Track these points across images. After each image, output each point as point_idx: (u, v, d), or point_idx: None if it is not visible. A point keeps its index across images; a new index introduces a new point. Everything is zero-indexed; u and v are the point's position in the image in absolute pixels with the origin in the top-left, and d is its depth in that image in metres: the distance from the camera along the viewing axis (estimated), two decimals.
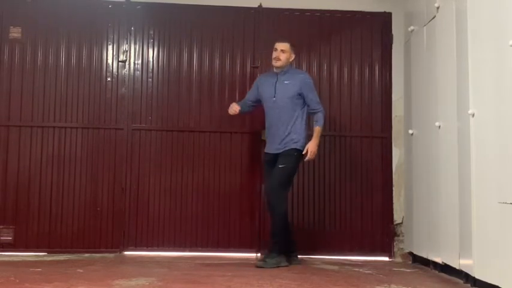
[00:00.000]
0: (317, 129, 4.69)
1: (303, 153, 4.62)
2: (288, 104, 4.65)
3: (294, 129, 4.64)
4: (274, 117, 4.69)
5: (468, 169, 3.69)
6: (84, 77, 5.31)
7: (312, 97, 4.71)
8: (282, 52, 4.71)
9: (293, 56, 4.79)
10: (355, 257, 5.22)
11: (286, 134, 4.63)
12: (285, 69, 4.75)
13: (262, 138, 5.00)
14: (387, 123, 5.45)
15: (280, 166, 4.58)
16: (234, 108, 4.82)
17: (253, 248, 5.22)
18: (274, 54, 4.73)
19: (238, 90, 5.37)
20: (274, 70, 4.80)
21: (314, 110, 4.71)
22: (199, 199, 5.27)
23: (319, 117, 4.71)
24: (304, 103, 4.71)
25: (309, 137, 4.70)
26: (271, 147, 4.72)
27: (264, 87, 4.81)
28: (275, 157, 4.65)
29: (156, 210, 5.25)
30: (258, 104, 4.89)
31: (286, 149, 4.62)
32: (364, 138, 5.43)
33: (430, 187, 4.52)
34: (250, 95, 4.96)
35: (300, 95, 4.68)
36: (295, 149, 4.63)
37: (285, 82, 4.70)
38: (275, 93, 4.70)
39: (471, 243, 3.65)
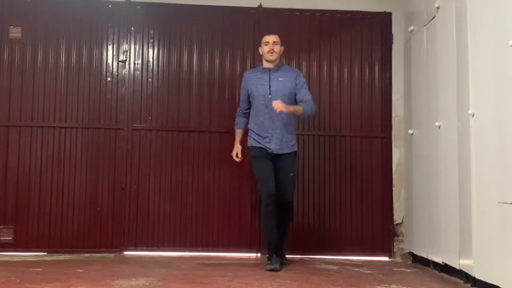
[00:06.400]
0: (299, 107, 4.53)
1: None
2: (285, 102, 4.47)
3: (291, 130, 4.61)
4: (268, 115, 4.52)
5: (468, 169, 3.69)
6: (84, 77, 5.31)
7: (305, 93, 4.59)
8: (275, 44, 4.60)
9: (283, 49, 4.70)
10: (355, 257, 5.22)
11: (284, 134, 4.54)
12: (277, 65, 4.64)
13: None
14: (387, 123, 5.45)
15: (291, 175, 4.55)
16: (237, 157, 4.74)
17: (253, 248, 5.22)
18: (267, 48, 4.59)
19: (238, 90, 5.35)
20: (264, 66, 4.65)
21: (308, 101, 4.58)
22: (199, 199, 5.27)
23: (310, 104, 4.57)
24: (295, 101, 4.59)
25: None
26: (270, 146, 4.52)
27: (255, 84, 4.62)
28: (275, 155, 4.53)
29: (156, 210, 5.25)
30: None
31: (290, 152, 4.56)
32: (364, 138, 5.43)
33: (430, 187, 4.52)
34: (244, 103, 4.75)
35: (293, 93, 4.58)
36: (295, 151, 4.63)
37: (280, 79, 4.57)
38: (270, 90, 4.55)
39: (471, 243, 3.65)
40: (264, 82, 4.59)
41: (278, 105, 4.37)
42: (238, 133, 4.79)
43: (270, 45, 4.58)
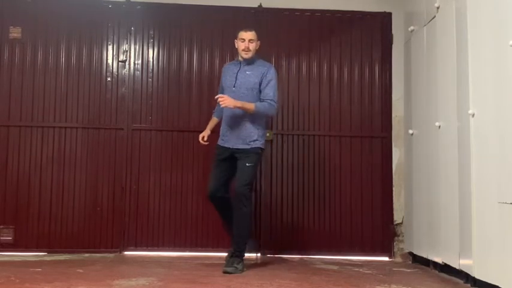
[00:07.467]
0: (252, 104, 4.30)
1: (216, 97, 4.31)
2: (248, 96, 4.35)
3: (254, 125, 4.36)
4: (230, 108, 4.31)
5: (468, 169, 3.69)
6: (84, 77, 5.31)
7: (268, 91, 4.36)
8: (251, 42, 4.41)
9: (259, 44, 4.49)
10: (355, 257, 5.22)
11: (246, 128, 4.35)
12: (251, 59, 4.45)
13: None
14: (387, 123, 5.45)
15: (248, 165, 4.29)
16: (202, 141, 4.58)
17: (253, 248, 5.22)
18: (243, 45, 4.40)
19: None
20: (240, 58, 4.50)
21: (267, 101, 4.35)
22: (199, 199, 5.27)
23: (266, 105, 4.33)
24: None
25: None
26: (229, 142, 4.38)
27: (226, 75, 4.54)
28: (232, 152, 4.38)
29: (156, 210, 5.25)
30: None
31: (251, 147, 4.34)
32: (364, 138, 5.43)
33: (430, 187, 4.52)
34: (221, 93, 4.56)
35: (258, 88, 4.39)
36: (259, 147, 4.38)
37: (247, 72, 4.41)
38: (235, 82, 4.42)
39: (471, 243, 3.65)
40: (233, 74, 4.47)
41: (225, 100, 4.23)
42: (212, 120, 4.68)
43: (246, 43, 4.40)
